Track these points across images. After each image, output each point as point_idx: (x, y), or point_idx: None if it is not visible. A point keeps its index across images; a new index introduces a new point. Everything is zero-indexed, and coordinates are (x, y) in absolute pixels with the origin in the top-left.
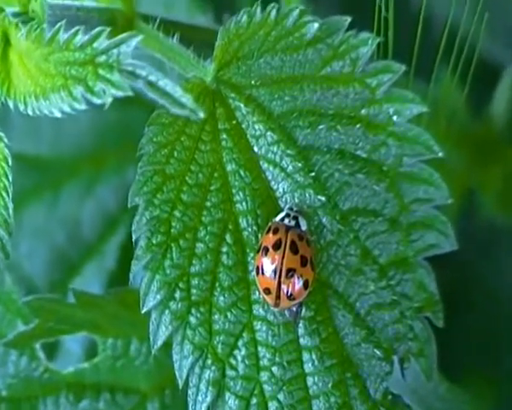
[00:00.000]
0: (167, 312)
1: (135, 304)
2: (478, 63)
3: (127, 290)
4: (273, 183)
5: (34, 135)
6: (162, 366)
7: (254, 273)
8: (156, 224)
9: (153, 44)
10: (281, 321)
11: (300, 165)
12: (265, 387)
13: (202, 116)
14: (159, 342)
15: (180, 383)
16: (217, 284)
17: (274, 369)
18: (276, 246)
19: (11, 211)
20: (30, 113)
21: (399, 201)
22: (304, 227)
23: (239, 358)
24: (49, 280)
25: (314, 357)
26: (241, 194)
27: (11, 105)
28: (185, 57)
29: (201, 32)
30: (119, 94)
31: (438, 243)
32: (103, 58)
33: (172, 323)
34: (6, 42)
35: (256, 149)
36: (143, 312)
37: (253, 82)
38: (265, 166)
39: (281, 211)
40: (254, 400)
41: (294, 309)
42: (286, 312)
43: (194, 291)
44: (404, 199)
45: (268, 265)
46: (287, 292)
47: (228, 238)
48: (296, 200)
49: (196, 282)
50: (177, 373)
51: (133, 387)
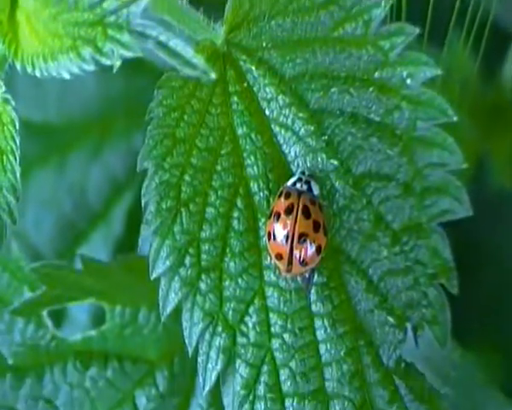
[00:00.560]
0: (177, 278)
1: (143, 271)
2: (490, 29)
3: (135, 258)
4: (285, 147)
5: (40, 101)
6: (171, 334)
7: (266, 239)
8: (166, 188)
9: (162, 6)
10: (292, 287)
11: (313, 128)
12: (277, 354)
13: (214, 77)
14: (168, 308)
15: (190, 350)
16: (227, 250)
17: (285, 336)
18: (288, 211)
19: (18, 175)
20: (38, 74)
21: (413, 165)
22: (316, 192)
23: (250, 325)
24: (56, 248)
25: (326, 324)
26: (252, 158)
27: (18, 67)
28: (195, 20)
29: None
30: (129, 55)
31: (452, 209)
32: (113, 18)
33: (182, 289)
34: (13, 2)
35: (267, 113)
36: (152, 278)
37: (265, 44)
38: (277, 129)
39: (292, 175)
40: (265, 367)
41: (307, 275)
42: (298, 278)
43: (204, 257)
44: (418, 163)
45: (280, 230)
46: (299, 258)
47: (239, 203)
48: (308, 164)
49: (206, 247)
50: (187, 341)
51: (141, 355)
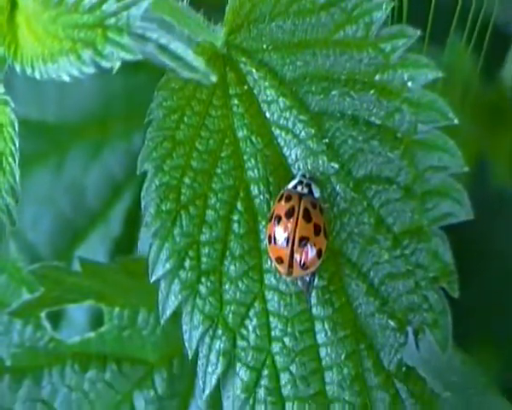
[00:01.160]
0: (177, 281)
1: (142, 273)
2: (491, 29)
3: (134, 259)
4: (285, 149)
5: (39, 100)
6: (170, 337)
7: (266, 242)
8: (165, 190)
9: (162, 8)
10: (293, 291)
11: (313, 131)
12: (277, 358)
13: (214, 80)
14: (168, 311)
15: (190, 353)
16: (227, 253)
17: (286, 340)
18: (289, 214)
19: (18, 177)
20: (37, 76)
21: (414, 168)
22: (317, 195)
23: (250, 328)
24: (54, 248)
25: (327, 327)
26: (253, 160)
27: (18, 69)
28: (195, 21)
29: None
30: (129, 57)
31: (453, 212)
32: (112, 21)
33: (182, 292)
34: (13, 4)
35: (268, 115)
36: (152, 281)
37: (265, 46)
38: (277, 132)
39: (293, 178)
40: (266, 371)
41: (307, 279)
42: (298, 281)
43: (204, 260)
44: (419, 167)
45: (280, 233)
46: (299, 261)
47: (239, 206)
48: (309, 167)
49: (206, 250)
50: (187, 344)
51: (140, 357)
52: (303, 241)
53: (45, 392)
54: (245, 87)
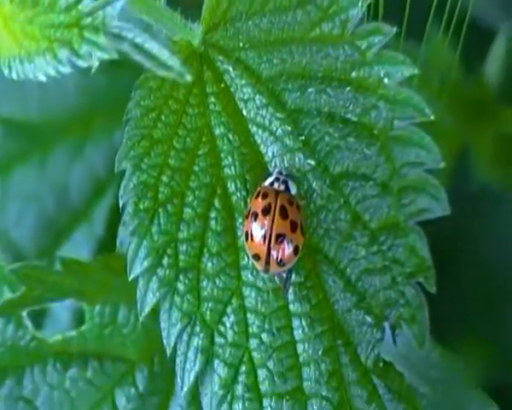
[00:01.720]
0: (155, 278)
1: (123, 270)
2: (470, 23)
3: (115, 256)
4: (262, 147)
5: (22, 99)
6: (151, 334)
7: (243, 239)
8: (143, 189)
9: (139, 6)
10: (270, 287)
11: (290, 128)
12: (254, 354)
13: (189, 79)
14: (146, 309)
15: (168, 351)
16: (205, 250)
17: (263, 336)
18: (266, 211)
19: None
20: (14, 77)
21: (390, 164)
22: (293, 191)
23: (228, 325)
24: (37, 247)
25: (304, 324)
26: (230, 158)
27: None
28: (172, 19)
29: None
30: (105, 57)
31: (429, 208)
32: (89, 20)
33: (160, 290)
34: None
35: (245, 113)
36: (130, 279)
37: (242, 45)
38: (254, 129)
39: (270, 175)
40: (243, 367)
41: (284, 275)
42: (275, 278)
43: (182, 257)
44: (395, 163)
45: (257, 230)
46: (276, 258)
47: (216, 203)
48: (285, 164)
49: (184, 248)
50: (165, 341)
51: (121, 355)
52: (280, 238)
53: (27, 391)
54: (222, 85)
